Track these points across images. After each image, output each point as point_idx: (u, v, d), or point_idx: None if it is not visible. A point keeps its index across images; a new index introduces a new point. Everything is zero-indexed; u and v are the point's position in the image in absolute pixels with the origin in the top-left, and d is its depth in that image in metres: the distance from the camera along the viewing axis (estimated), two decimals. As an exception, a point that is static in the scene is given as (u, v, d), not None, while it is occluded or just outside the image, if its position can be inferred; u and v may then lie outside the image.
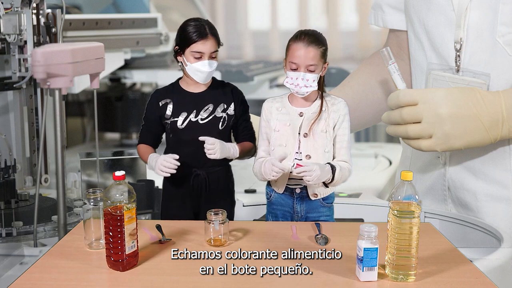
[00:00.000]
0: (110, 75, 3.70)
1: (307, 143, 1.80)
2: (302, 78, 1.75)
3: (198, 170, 1.91)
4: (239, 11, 6.23)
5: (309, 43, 1.75)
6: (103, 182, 2.36)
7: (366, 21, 2.76)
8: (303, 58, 1.75)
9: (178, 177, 1.88)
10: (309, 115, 1.81)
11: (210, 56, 1.86)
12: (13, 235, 2.11)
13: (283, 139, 1.81)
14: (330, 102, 1.82)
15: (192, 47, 1.85)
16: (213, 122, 1.91)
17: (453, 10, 1.98)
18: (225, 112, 1.92)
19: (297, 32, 1.79)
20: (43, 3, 2.45)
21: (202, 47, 1.85)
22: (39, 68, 1.65)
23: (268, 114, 1.85)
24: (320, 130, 1.80)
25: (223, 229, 1.72)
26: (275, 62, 4.62)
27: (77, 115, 4.19)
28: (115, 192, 1.55)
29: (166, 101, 1.92)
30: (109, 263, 1.57)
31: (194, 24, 1.86)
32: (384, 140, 4.60)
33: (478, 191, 2.05)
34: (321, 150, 1.80)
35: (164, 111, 1.91)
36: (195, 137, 1.88)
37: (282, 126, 1.82)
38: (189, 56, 1.86)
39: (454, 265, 1.57)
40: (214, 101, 1.92)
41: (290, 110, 1.82)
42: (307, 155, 1.80)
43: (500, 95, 1.90)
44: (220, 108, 1.92)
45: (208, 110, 1.91)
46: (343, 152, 1.83)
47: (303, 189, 1.83)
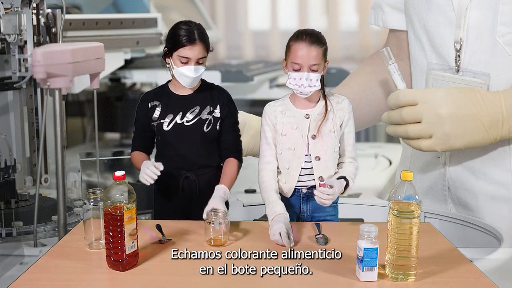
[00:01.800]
0: (110, 75, 3.70)
1: (316, 144, 1.79)
2: (306, 78, 1.74)
3: (187, 172, 1.91)
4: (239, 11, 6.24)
5: (311, 43, 1.74)
6: (103, 182, 2.36)
7: (366, 21, 2.76)
8: (306, 58, 1.73)
9: (167, 180, 1.88)
10: (315, 116, 1.79)
11: (197, 62, 1.85)
12: (13, 235, 2.11)
13: (291, 143, 1.80)
14: (335, 101, 1.82)
15: (180, 51, 1.84)
16: (198, 124, 1.89)
17: (453, 10, 1.98)
18: (211, 115, 1.90)
19: (297, 32, 1.78)
20: (43, 3, 2.45)
21: (189, 52, 1.83)
22: (39, 68, 1.65)
23: (272, 118, 1.82)
24: (329, 130, 1.79)
25: (223, 229, 1.72)
26: (275, 62, 4.62)
27: (77, 115, 4.19)
28: (115, 192, 1.55)
29: (154, 103, 1.92)
30: (109, 263, 1.57)
31: (183, 28, 1.85)
32: (384, 140, 4.60)
33: (478, 191, 2.05)
34: (330, 150, 1.79)
35: (152, 114, 1.91)
36: (181, 139, 1.88)
37: (289, 129, 1.80)
38: (176, 60, 1.85)
39: (454, 265, 1.57)
40: (200, 104, 1.91)
41: (296, 113, 1.81)
42: (317, 156, 1.79)
43: (500, 95, 1.90)
44: (206, 111, 1.91)
45: (194, 112, 1.90)
46: (349, 149, 1.83)
47: (310, 189, 1.82)
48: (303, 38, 1.75)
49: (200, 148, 1.90)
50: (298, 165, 1.80)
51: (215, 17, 6.07)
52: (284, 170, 1.81)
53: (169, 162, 1.87)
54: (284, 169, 1.81)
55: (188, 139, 1.90)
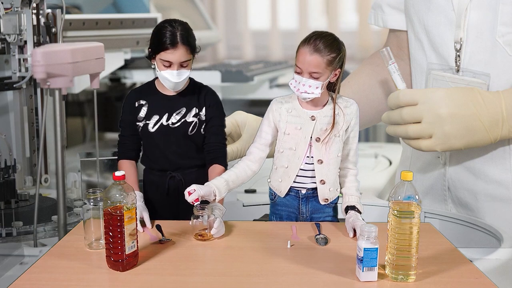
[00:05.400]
0: (110, 75, 3.70)
1: (319, 147, 1.77)
2: (303, 83, 1.70)
3: (172, 172, 1.89)
4: (239, 11, 6.24)
5: (315, 50, 1.68)
6: (103, 182, 2.36)
7: (366, 21, 2.76)
8: (306, 64, 1.69)
9: (153, 181, 1.87)
10: (321, 119, 1.76)
11: (181, 65, 1.79)
12: (13, 235, 2.11)
13: (293, 143, 1.78)
14: (343, 104, 1.78)
15: (161, 55, 1.78)
16: (183, 126, 1.86)
17: (453, 10, 1.98)
18: (196, 117, 1.87)
19: (310, 34, 1.72)
20: (43, 3, 2.45)
21: (171, 56, 1.77)
22: (39, 68, 1.65)
23: (277, 115, 1.79)
24: (334, 135, 1.76)
25: (209, 223, 1.72)
26: (275, 62, 4.62)
27: (77, 115, 4.19)
28: (115, 192, 1.55)
29: (141, 102, 1.88)
30: (109, 263, 1.57)
31: (166, 30, 1.78)
32: (384, 140, 4.60)
33: (478, 191, 2.05)
34: (333, 154, 1.78)
35: (138, 113, 1.87)
36: (166, 141, 1.86)
37: (293, 129, 1.77)
38: (159, 63, 1.80)
39: (454, 265, 1.57)
40: (187, 105, 1.87)
41: (301, 113, 1.78)
42: (319, 159, 1.77)
43: (500, 95, 1.90)
44: (192, 113, 1.87)
45: (180, 114, 1.87)
46: (352, 154, 1.83)
47: (309, 190, 1.81)
48: (310, 43, 1.69)
49: (186, 150, 1.89)
50: (297, 166, 1.79)
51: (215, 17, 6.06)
52: (283, 169, 1.80)
53: (155, 164, 1.87)
54: (283, 168, 1.80)
55: (174, 141, 1.87)
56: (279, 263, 1.58)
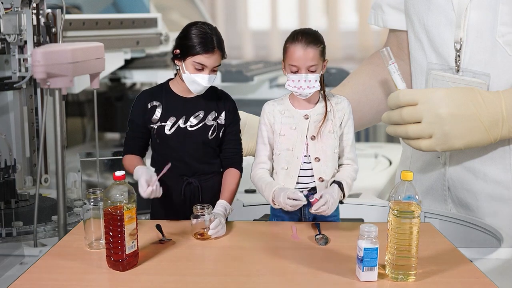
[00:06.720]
0: (110, 75, 3.70)
1: (315, 145, 1.78)
2: (304, 80, 1.72)
3: (190, 178, 1.86)
4: (239, 11, 6.24)
5: (307, 44, 1.72)
6: (103, 182, 2.36)
7: (366, 21, 2.76)
8: (303, 60, 1.72)
9: (167, 185, 1.82)
10: (314, 117, 1.79)
11: (212, 70, 1.78)
12: (13, 235, 2.11)
13: (289, 143, 1.79)
14: (334, 101, 1.81)
15: (196, 58, 1.76)
16: (203, 130, 1.84)
17: (453, 10, 1.98)
18: (215, 121, 1.85)
19: (293, 33, 1.76)
20: (43, 3, 2.46)
21: (206, 60, 1.76)
22: (39, 68, 1.65)
23: (270, 117, 1.80)
24: (328, 131, 1.78)
25: (209, 223, 1.72)
26: (275, 62, 4.62)
27: (77, 115, 4.19)
28: (115, 192, 1.55)
29: (154, 104, 1.85)
30: (109, 263, 1.57)
31: (202, 34, 1.75)
32: (384, 140, 4.60)
33: (478, 191, 2.05)
34: (330, 151, 1.79)
35: (151, 115, 1.84)
36: (183, 144, 1.83)
37: (288, 130, 1.79)
38: (190, 65, 1.77)
39: (454, 265, 1.57)
40: (205, 108, 1.85)
41: (294, 113, 1.80)
42: (316, 157, 1.78)
43: (500, 95, 1.90)
44: (211, 116, 1.85)
45: (198, 117, 1.84)
46: (348, 150, 1.83)
47: (310, 191, 1.81)
48: (299, 39, 1.73)
49: (203, 154, 1.86)
50: (297, 166, 1.79)
51: (215, 17, 6.07)
52: (283, 171, 1.80)
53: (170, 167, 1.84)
54: (283, 170, 1.80)
55: (191, 145, 1.84)
56: (279, 263, 1.58)
